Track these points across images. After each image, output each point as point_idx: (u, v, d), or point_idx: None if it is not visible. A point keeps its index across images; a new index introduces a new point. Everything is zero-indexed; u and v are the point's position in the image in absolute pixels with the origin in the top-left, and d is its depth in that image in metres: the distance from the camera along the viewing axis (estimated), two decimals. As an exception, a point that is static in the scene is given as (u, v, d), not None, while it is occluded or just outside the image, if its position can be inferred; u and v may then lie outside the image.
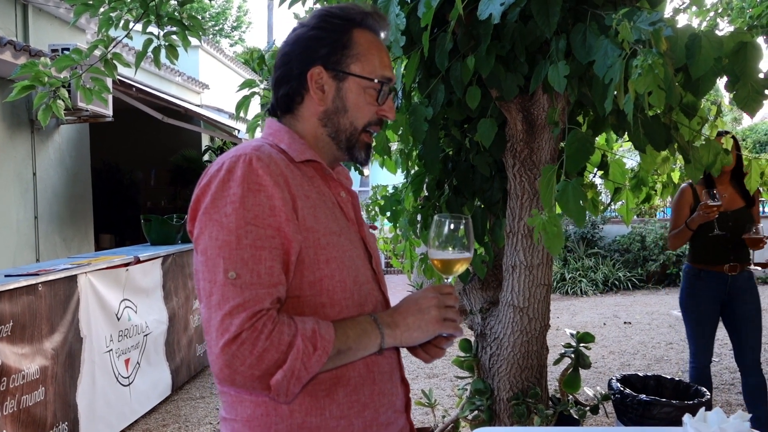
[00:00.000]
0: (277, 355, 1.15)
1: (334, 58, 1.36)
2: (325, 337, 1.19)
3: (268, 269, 1.19)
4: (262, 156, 1.24)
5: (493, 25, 2.58)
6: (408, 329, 1.32)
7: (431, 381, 5.75)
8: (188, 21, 3.86)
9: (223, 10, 27.61)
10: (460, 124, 3.50)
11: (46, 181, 7.56)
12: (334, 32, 1.37)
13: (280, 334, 1.15)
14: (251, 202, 1.20)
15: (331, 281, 1.28)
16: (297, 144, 1.35)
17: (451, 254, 1.41)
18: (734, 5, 7.33)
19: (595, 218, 11.18)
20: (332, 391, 1.29)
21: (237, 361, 1.14)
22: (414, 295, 1.37)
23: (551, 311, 3.55)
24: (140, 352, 4.96)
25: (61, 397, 3.89)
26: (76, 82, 3.81)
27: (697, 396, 3.82)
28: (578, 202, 2.59)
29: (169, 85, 11.07)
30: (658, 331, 7.61)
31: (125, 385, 4.69)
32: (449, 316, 1.34)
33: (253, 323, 1.14)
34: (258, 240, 1.19)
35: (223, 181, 1.23)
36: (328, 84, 1.37)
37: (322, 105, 1.37)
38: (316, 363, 1.18)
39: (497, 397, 3.45)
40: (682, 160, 3.07)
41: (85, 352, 4.16)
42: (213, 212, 1.22)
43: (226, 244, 1.19)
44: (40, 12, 7.52)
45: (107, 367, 4.46)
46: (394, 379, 1.42)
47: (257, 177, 1.22)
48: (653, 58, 2.02)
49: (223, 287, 1.17)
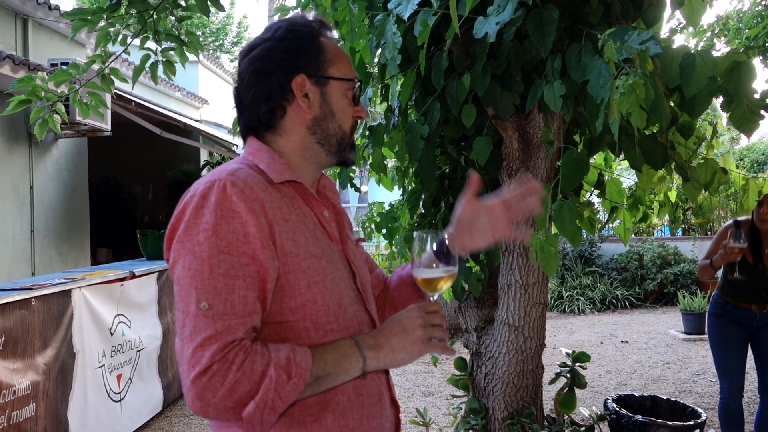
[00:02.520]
0: (249, 385, 1.12)
1: (313, 64, 1.35)
2: (300, 364, 1.17)
3: (242, 298, 1.17)
4: (237, 181, 1.22)
5: (489, 44, 2.59)
6: (392, 351, 1.28)
7: (426, 399, 5.72)
8: (186, 37, 3.88)
9: (223, 26, 27.75)
10: (456, 142, 3.51)
11: (43, 195, 7.55)
12: (305, 40, 1.36)
13: (252, 364, 1.13)
14: (224, 230, 1.18)
15: (314, 306, 1.26)
16: (277, 164, 1.33)
17: (434, 272, 1.37)
18: (731, 26, 7.38)
19: (592, 237, 11.18)
20: (320, 416, 1.26)
21: (208, 393, 1.11)
22: (398, 315, 1.33)
23: (548, 330, 3.54)
24: (133, 368, 4.93)
25: (53, 412, 3.86)
26: (73, 97, 3.81)
27: (693, 417, 3.81)
28: (574, 221, 2.59)
29: (168, 100, 11.10)
30: (655, 351, 7.58)
31: (117, 401, 4.65)
32: (436, 335, 1.30)
33: (225, 354, 1.12)
34: (231, 269, 1.17)
35: (196, 208, 1.20)
36: (311, 91, 1.35)
37: (309, 112, 1.36)
38: (291, 392, 1.16)
39: (492, 417, 3.43)
40: (679, 179, 3.06)
41: (77, 367, 4.14)
42: (186, 241, 1.19)
43: (198, 274, 1.16)
44: (40, 26, 7.55)
45: (99, 383, 4.43)
46: (384, 401, 1.39)
47: (231, 204, 1.19)
48: (635, 78, 2.02)
49: (195, 318, 1.15)
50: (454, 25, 2.38)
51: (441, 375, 6.45)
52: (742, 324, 3.78)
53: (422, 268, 1.38)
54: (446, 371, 6.35)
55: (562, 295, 10.68)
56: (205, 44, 25.14)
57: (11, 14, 7.12)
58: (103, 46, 3.74)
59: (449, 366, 1.80)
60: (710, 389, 5.82)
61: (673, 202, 4.13)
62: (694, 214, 12.06)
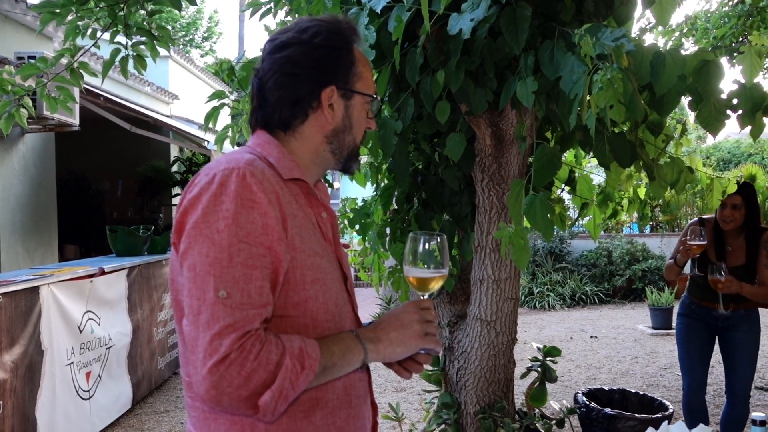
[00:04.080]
0: (266, 375, 1.12)
1: (345, 77, 1.36)
2: (311, 355, 1.18)
3: (258, 289, 1.16)
4: (256, 171, 1.21)
5: (462, 41, 2.61)
6: (391, 344, 1.31)
7: (399, 395, 5.74)
8: (157, 31, 3.83)
9: (194, 21, 27.46)
10: (430, 138, 3.52)
11: (9, 191, 7.41)
12: (342, 50, 1.36)
13: (269, 354, 1.13)
14: (244, 219, 1.17)
15: (315, 303, 1.27)
16: (286, 161, 1.33)
17: (426, 272, 1.40)
18: (699, 26, 7.50)
19: (563, 233, 11.29)
20: (310, 413, 1.27)
21: (224, 382, 1.11)
22: (395, 310, 1.36)
23: (519, 325, 3.57)
24: (102, 365, 4.87)
25: (20, 411, 3.79)
26: (41, 91, 3.75)
27: (661, 410, 3.87)
28: (546, 215, 2.62)
29: (138, 95, 10.96)
30: (623, 346, 7.69)
31: (86, 399, 4.60)
32: (430, 330, 1.33)
33: (242, 344, 1.12)
34: (250, 259, 1.16)
35: (215, 194, 1.19)
36: (337, 103, 1.35)
37: (332, 123, 1.36)
38: (303, 381, 1.16)
39: (464, 411, 3.45)
40: (647, 176, 3.10)
41: (45, 365, 4.07)
42: (204, 227, 1.17)
43: (217, 262, 1.15)
44: (6, 19, 7.40)
45: (68, 381, 4.37)
46: (367, 402, 1.42)
47: (251, 193, 1.18)
48: (613, 72, 2.05)
49: (213, 306, 1.14)
50: (426, 22, 2.40)
51: (413, 371, 6.46)
52: (707, 324, 3.82)
53: (414, 267, 1.40)
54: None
55: (533, 291, 10.78)
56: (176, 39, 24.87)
57: (-24, 6, 6.98)
58: (71, 39, 3.69)
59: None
60: (677, 383, 5.91)
61: (642, 199, 4.18)
62: (661, 211, 12.25)
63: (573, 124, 2.35)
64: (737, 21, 6.90)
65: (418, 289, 1.42)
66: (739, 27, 6.89)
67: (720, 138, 17.09)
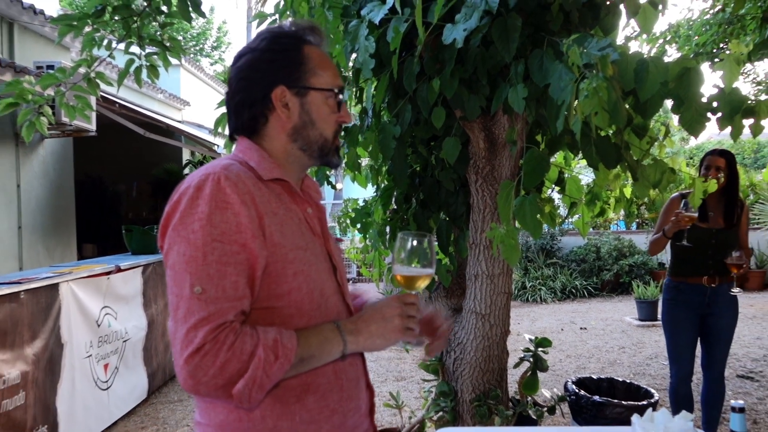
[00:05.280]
0: (239, 365, 1.14)
1: (293, 75, 1.35)
2: (287, 345, 1.19)
3: (232, 284, 1.18)
4: (230, 175, 1.23)
5: (456, 50, 2.61)
6: (371, 336, 1.30)
7: (399, 384, 5.74)
8: (169, 42, 3.84)
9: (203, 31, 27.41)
10: (427, 142, 3.52)
11: (30, 193, 7.42)
12: (287, 51, 1.36)
13: (242, 345, 1.14)
14: (218, 220, 1.19)
15: (299, 293, 1.28)
16: (266, 162, 1.34)
17: (413, 271, 1.38)
18: (681, 33, 7.49)
19: (553, 230, 11.29)
20: (302, 397, 1.28)
21: (200, 371, 1.13)
22: (379, 303, 1.35)
23: (512, 318, 3.57)
24: (119, 357, 4.88)
25: (42, 401, 3.81)
26: (60, 100, 3.76)
27: (647, 397, 3.88)
28: (534, 215, 2.62)
29: (151, 101, 10.97)
30: (611, 336, 7.69)
31: (104, 389, 4.61)
32: (410, 325, 1.32)
33: (216, 335, 1.13)
34: (224, 256, 1.18)
35: (191, 198, 1.21)
36: (291, 101, 1.35)
37: (289, 122, 1.36)
38: (278, 371, 1.17)
39: (460, 399, 3.46)
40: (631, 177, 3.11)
41: (65, 357, 4.08)
42: (181, 229, 1.20)
43: (192, 260, 1.18)
44: (25, 30, 7.41)
45: (87, 372, 4.38)
46: (360, 385, 1.41)
47: (225, 195, 1.20)
48: (598, 81, 2.05)
49: (189, 301, 1.16)
50: (420, 33, 2.40)
51: (413, 360, 6.47)
52: (693, 306, 3.77)
53: (402, 266, 1.39)
54: (417, 357, 6.38)
55: (526, 285, 10.78)
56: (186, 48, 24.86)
57: (-3, 18, 6.99)
58: (88, 50, 3.69)
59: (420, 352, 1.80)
60: (662, 371, 5.92)
61: (628, 198, 4.18)
62: (647, 209, 12.24)
63: (560, 129, 2.36)
64: (718, 29, 6.89)
65: (406, 288, 1.39)
66: (719, 34, 6.88)
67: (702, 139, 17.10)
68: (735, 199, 3.79)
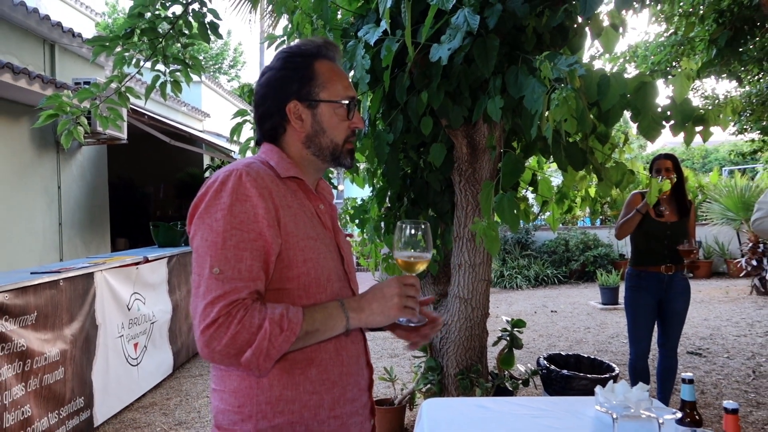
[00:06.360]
0: (248, 336, 1.13)
1: (304, 91, 1.34)
2: (292, 320, 1.18)
3: (248, 267, 1.18)
4: (251, 171, 1.23)
5: (442, 66, 2.60)
6: (372, 314, 1.29)
7: (392, 360, 5.73)
8: (190, 61, 3.82)
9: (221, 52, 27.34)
10: (416, 147, 3.51)
11: (69, 194, 7.38)
12: (299, 69, 1.35)
13: (251, 319, 1.14)
14: (238, 210, 1.19)
15: (307, 278, 1.27)
16: (284, 162, 1.34)
17: (412, 255, 1.36)
18: (639, 53, 7.49)
19: (528, 226, 11.28)
20: (306, 369, 1.27)
21: (214, 341, 1.13)
22: (381, 284, 1.33)
23: (491, 302, 3.56)
24: (147, 337, 4.85)
25: (78, 376, 3.78)
26: (94, 111, 3.74)
27: (609, 371, 3.87)
28: (512, 211, 2.61)
29: (176, 113, 10.92)
30: (578, 318, 7.69)
31: (134, 365, 4.58)
32: (409, 304, 1.30)
33: (229, 310, 1.14)
34: (241, 242, 1.18)
35: (216, 191, 1.22)
36: (304, 113, 1.34)
37: (303, 131, 1.35)
38: (284, 342, 1.16)
39: (446, 373, 3.45)
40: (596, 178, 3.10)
41: (99, 337, 4.06)
42: (206, 217, 1.21)
43: (213, 245, 1.18)
44: (65, 51, 7.37)
45: (119, 350, 4.36)
46: (360, 362, 1.39)
47: (245, 189, 1.20)
48: (567, 92, 2.04)
49: (208, 280, 1.16)
50: (410, 51, 2.39)
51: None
52: (652, 292, 3.75)
53: (402, 251, 1.37)
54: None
55: (504, 273, 10.78)
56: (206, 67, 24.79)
57: (40, 40, 6.94)
58: (119, 68, 3.67)
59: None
60: (622, 348, 5.92)
61: (593, 198, 4.18)
62: (609, 207, 12.26)
63: (534, 135, 2.35)
64: (671, 49, 6.89)
65: (406, 270, 1.38)
66: (672, 54, 6.88)
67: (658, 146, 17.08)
68: (684, 194, 3.81)
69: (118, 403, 4.29)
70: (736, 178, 10.93)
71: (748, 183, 10.44)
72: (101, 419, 4.04)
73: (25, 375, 3.25)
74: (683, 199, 3.79)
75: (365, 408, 1.40)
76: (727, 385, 4.71)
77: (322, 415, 1.28)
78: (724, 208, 9.88)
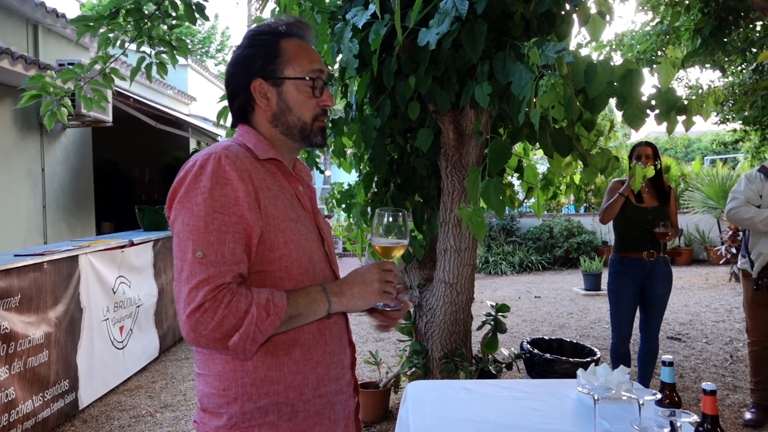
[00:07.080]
0: (235, 320, 1.13)
1: (268, 68, 1.32)
2: (278, 304, 1.18)
3: (231, 250, 1.17)
4: (230, 154, 1.22)
5: (430, 51, 2.59)
6: (353, 298, 1.30)
7: (378, 344, 5.75)
8: (176, 42, 3.77)
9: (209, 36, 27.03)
10: (403, 132, 3.50)
11: (53, 176, 7.29)
12: (263, 47, 1.33)
13: (238, 303, 1.14)
14: (218, 194, 1.18)
15: (288, 259, 1.26)
16: (262, 144, 1.32)
17: (390, 241, 1.38)
18: (625, 42, 7.51)
19: (513, 212, 11.33)
20: (290, 350, 1.27)
21: (201, 326, 1.12)
22: (361, 269, 1.34)
23: (476, 287, 3.58)
24: (133, 321, 4.83)
25: (63, 358, 3.75)
26: (78, 92, 3.68)
27: (591, 355, 3.92)
28: (498, 197, 2.62)
29: (162, 96, 10.79)
30: (561, 304, 7.76)
31: (119, 348, 4.56)
32: (388, 289, 1.32)
33: (215, 295, 1.13)
34: (223, 225, 1.17)
35: (195, 175, 1.20)
36: (269, 91, 1.33)
37: (269, 110, 1.34)
38: (269, 326, 1.16)
39: (431, 357, 3.47)
40: (582, 164, 3.11)
41: (84, 320, 4.03)
42: (186, 201, 1.19)
43: (195, 229, 1.16)
44: (48, 32, 7.23)
45: (104, 333, 4.33)
46: (343, 341, 1.40)
47: (224, 172, 1.19)
48: (555, 79, 2.04)
49: (191, 265, 1.15)
50: (398, 35, 2.37)
51: (390, 325, 6.48)
52: (634, 278, 3.77)
53: (380, 238, 1.38)
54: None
55: (489, 259, 10.83)
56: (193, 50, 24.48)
57: (23, 21, 6.80)
58: (104, 48, 3.62)
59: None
60: (604, 333, 5.99)
61: (578, 185, 4.20)
62: (593, 194, 12.34)
63: (521, 121, 2.35)
64: (657, 38, 6.92)
65: (383, 256, 1.39)
66: (658, 43, 6.91)
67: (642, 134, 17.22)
68: (662, 180, 3.86)
69: (103, 386, 4.27)
70: (717, 168, 11.05)
71: (729, 172, 10.56)
72: (86, 402, 4.02)
73: (9, 357, 3.23)
74: (662, 186, 3.85)
75: (349, 386, 1.40)
76: (705, 369, 4.79)
77: (307, 395, 1.28)
78: (706, 197, 9.99)
